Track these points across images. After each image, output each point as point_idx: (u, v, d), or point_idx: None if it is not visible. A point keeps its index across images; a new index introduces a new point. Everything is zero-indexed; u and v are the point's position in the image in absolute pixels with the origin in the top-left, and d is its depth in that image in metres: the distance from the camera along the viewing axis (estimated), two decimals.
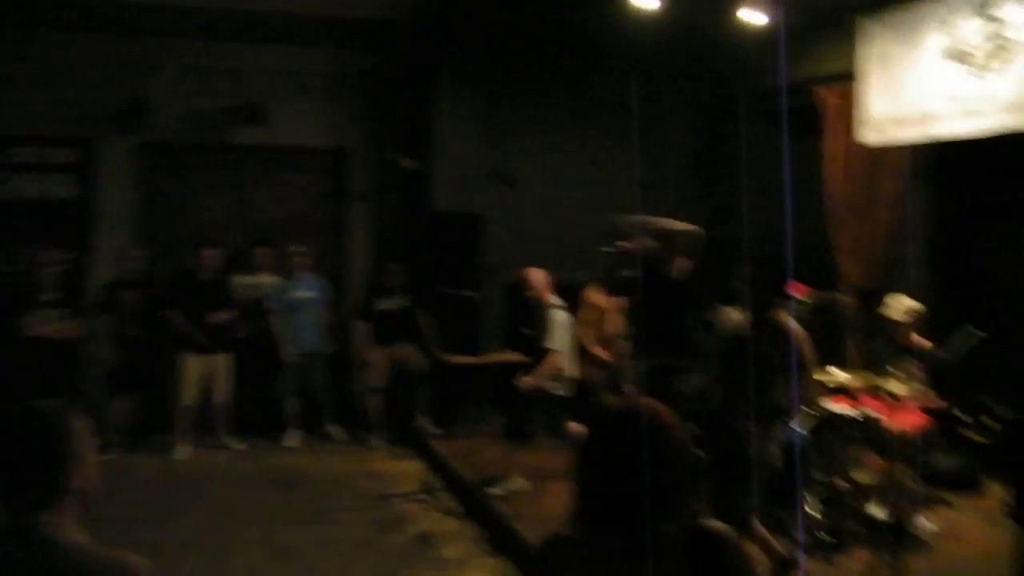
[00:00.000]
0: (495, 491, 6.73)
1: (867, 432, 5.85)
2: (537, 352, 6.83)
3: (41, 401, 2.17)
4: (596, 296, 8.13)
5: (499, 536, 6.19)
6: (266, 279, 8.58)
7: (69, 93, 8.52)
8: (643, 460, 1.92)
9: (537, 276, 7.05)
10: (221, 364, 8.18)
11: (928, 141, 6.65)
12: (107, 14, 8.39)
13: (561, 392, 6.86)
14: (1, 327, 7.63)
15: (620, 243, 5.99)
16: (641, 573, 1.94)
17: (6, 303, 7.83)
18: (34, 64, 8.44)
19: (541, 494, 6.73)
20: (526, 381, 6.72)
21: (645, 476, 1.93)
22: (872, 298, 7.51)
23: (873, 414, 6.08)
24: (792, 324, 4.69)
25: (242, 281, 8.49)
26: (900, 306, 6.31)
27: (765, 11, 6.99)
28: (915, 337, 6.31)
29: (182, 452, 8.02)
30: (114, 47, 8.58)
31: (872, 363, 6.45)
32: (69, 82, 8.52)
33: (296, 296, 8.47)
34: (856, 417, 5.81)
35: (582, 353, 7.89)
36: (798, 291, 7.95)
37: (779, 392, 4.49)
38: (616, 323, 8.05)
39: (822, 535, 5.19)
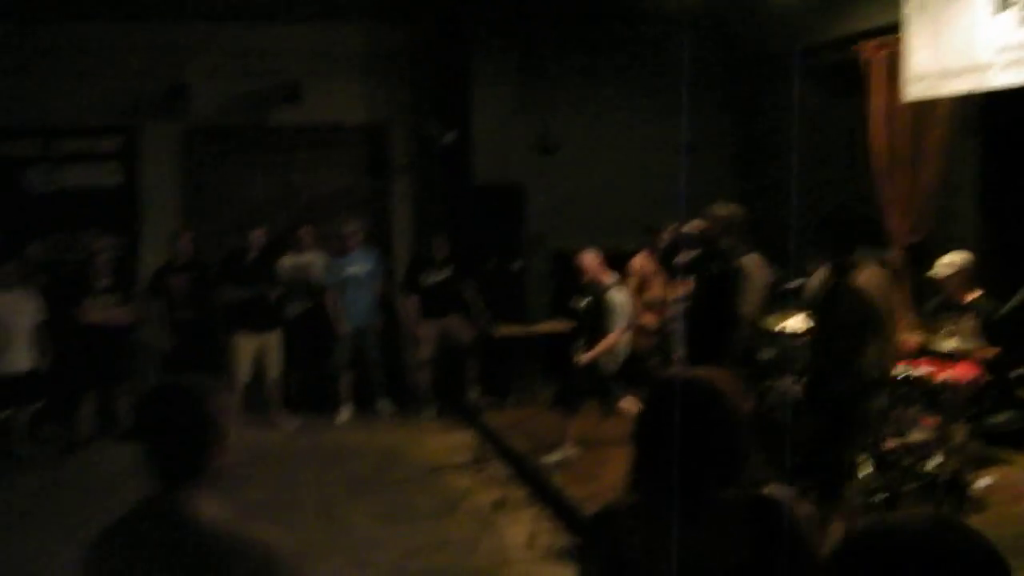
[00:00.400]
0: (548, 460, 6.78)
1: (921, 390, 5.80)
2: (594, 330, 6.83)
3: (194, 377, 2.21)
4: (643, 263, 8.13)
5: (553, 504, 6.24)
6: (313, 257, 8.65)
7: (111, 82, 8.63)
8: (701, 428, 1.96)
9: (590, 260, 7.02)
10: (273, 342, 8.29)
11: (976, 92, 6.50)
12: (145, 2, 8.45)
13: (612, 366, 6.87)
14: (58, 315, 7.81)
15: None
16: (700, 538, 1.98)
17: (61, 292, 8.01)
18: (74, 55, 8.54)
19: (594, 462, 6.77)
20: (585, 357, 6.73)
21: (703, 444, 1.97)
22: (922, 254, 7.41)
23: (926, 372, 6.02)
24: (872, 284, 4.50)
25: (291, 261, 8.56)
26: (950, 261, 6.23)
27: None
28: (967, 292, 6.22)
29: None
30: (152, 34, 8.65)
31: (924, 320, 6.38)
32: (110, 71, 8.62)
33: (350, 271, 8.53)
34: (909, 376, 5.75)
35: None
36: None
37: (867, 358, 4.35)
38: (662, 289, 8.04)
39: (877, 497, 5.16)
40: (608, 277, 7.00)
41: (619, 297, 6.89)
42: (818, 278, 4.76)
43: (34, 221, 8.53)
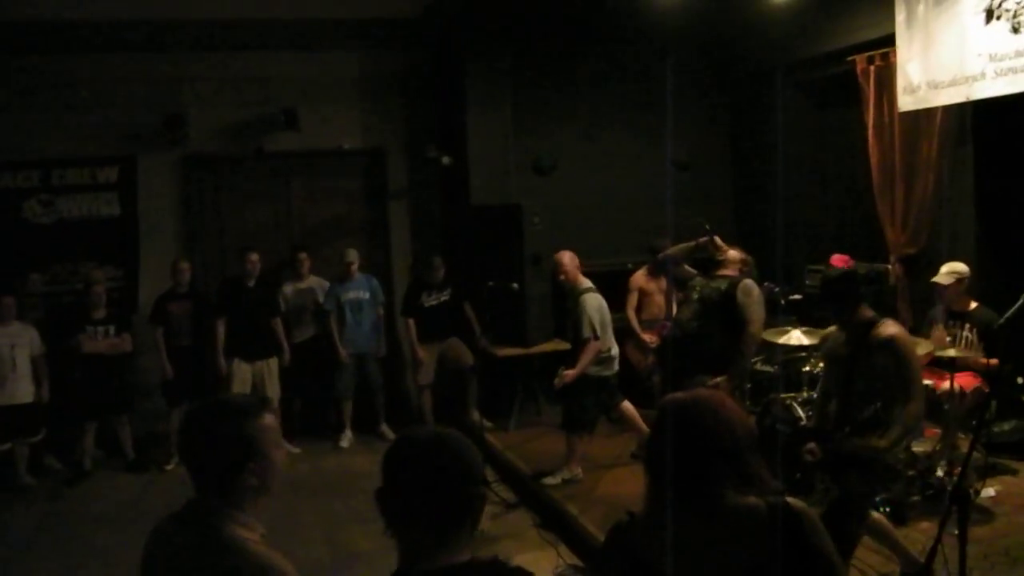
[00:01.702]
0: (551, 480, 6.75)
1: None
2: (576, 342, 6.79)
3: (237, 397, 2.24)
4: (642, 280, 8.14)
5: (557, 525, 6.22)
6: (314, 283, 8.65)
7: (108, 113, 8.67)
8: (708, 444, 2.08)
9: (567, 259, 6.95)
10: (271, 368, 8.27)
11: (969, 102, 6.54)
12: (139, 33, 8.51)
13: (608, 373, 6.81)
14: (57, 346, 7.81)
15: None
16: (717, 547, 2.05)
17: (61, 322, 8.01)
18: (72, 87, 8.58)
19: (597, 482, 6.76)
20: (566, 375, 6.68)
21: (712, 458, 2.08)
22: (920, 265, 7.43)
23: (928, 382, 6.02)
24: (902, 335, 4.45)
25: (292, 287, 8.56)
26: (950, 270, 6.26)
27: None
28: (967, 301, 6.24)
29: None
30: (149, 64, 8.70)
31: (925, 330, 6.39)
32: (107, 102, 8.66)
33: (349, 297, 8.53)
34: None
35: (631, 338, 7.90)
36: (841, 263, 7.90)
37: (893, 408, 4.33)
38: (661, 306, 8.06)
39: (882, 508, 5.14)
40: (584, 281, 6.91)
41: (593, 300, 6.73)
42: (837, 333, 4.74)
43: (33, 252, 8.54)
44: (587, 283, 6.90)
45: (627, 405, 6.94)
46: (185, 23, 8.55)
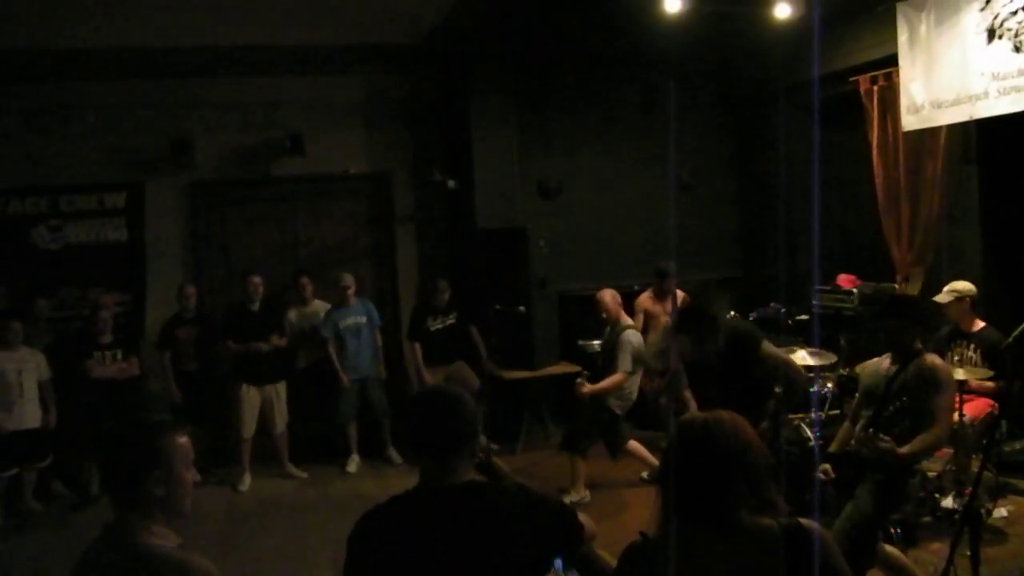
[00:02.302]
0: None
1: None
2: (606, 368, 6.83)
3: (147, 416, 2.36)
4: (647, 302, 8.14)
5: None
6: (318, 307, 8.65)
7: (114, 139, 8.74)
8: (727, 464, 2.11)
9: (609, 298, 7.07)
10: (278, 393, 8.27)
11: (972, 121, 6.56)
12: (146, 60, 8.58)
13: (620, 412, 6.85)
14: (65, 371, 7.81)
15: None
16: (732, 566, 2.06)
17: (68, 347, 8.02)
18: (79, 114, 8.66)
19: (606, 505, 6.73)
20: (586, 388, 6.71)
21: (726, 477, 2.11)
22: (925, 285, 7.42)
23: None
24: (944, 367, 4.46)
25: (297, 312, 8.56)
26: (949, 289, 6.24)
27: (799, 2, 6.94)
28: (972, 320, 6.22)
29: (246, 483, 8.12)
30: (155, 91, 8.77)
31: (932, 350, 6.35)
32: (113, 128, 8.73)
33: (348, 323, 8.53)
34: None
35: None
36: (848, 283, 7.90)
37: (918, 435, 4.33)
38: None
39: (894, 531, 5.10)
40: (626, 318, 7.05)
41: (634, 339, 6.90)
42: (876, 364, 4.72)
43: (41, 278, 8.56)
44: (628, 320, 7.10)
45: (634, 444, 6.97)
46: (192, 50, 8.62)
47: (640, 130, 9.69)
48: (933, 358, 4.45)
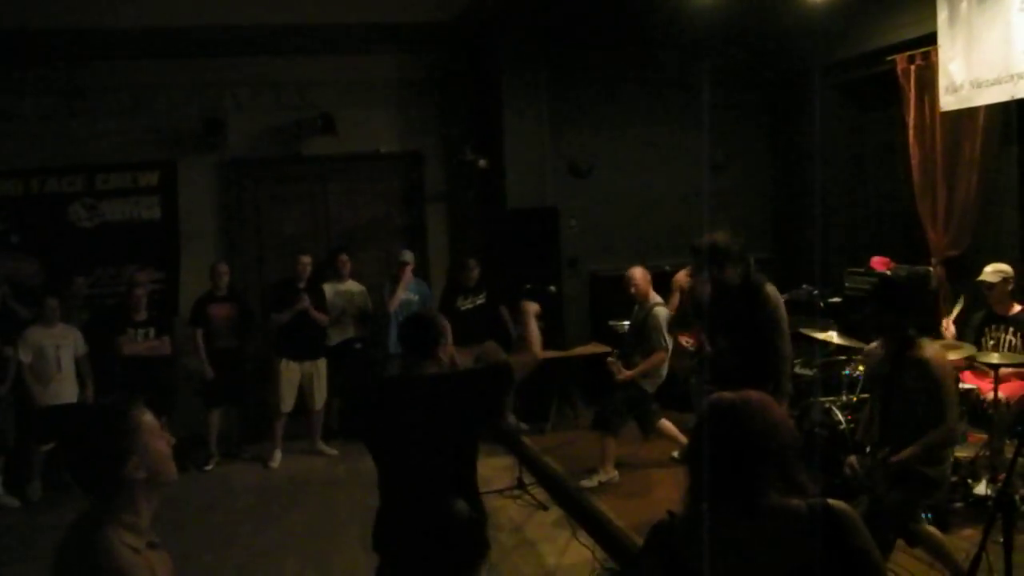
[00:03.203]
0: (588, 483, 6.75)
1: (965, 405, 5.70)
2: (637, 346, 6.82)
3: (109, 399, 2.30)
4: (683, 280, 8.09)
5: (594, 528, 6.20)
6: (353, 286, 8.69)
7: (149, 118, 8.82)
8: (752, 443, 2.09)
9: (640, 275, 7.07)
10: (319, 369, 8.33)
11: (1014, 100, 6.43)
12: (179, 40, 8.63)
13: (650, 389, 6.85)
14: (101, 347, 7.92)
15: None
16: (759, 547, 2.06)
17: (104, 324, 8.13)
18: (114, 93, 8.75)
19: (634, 484, 6.73)
20: (624, 374, 6.71)
21: (756, 457, 2.09)
22: (961, 268, 7.32)
23: (970, 386, 5.93)
24: (938, 358, 4.37)
25: (332, 288, 8.60)
26: (993, 269, 6.15)
27: None
28: (1010, 304, 6.13)
29: (277, 459, 8.22)
30: (187, 70, 8.84)
31: (968, 334, 6.28)
32: (149, 107, 8.82)
33: (405, 299, 8.55)
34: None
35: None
36: (882, 265, 7.80)
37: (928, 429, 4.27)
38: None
39: (925, 515, 5.06)
40: (655, 296, 7.02)
41: (666, 315, 6.91)
42: (877, 352, 4.65)
43: (77, 255, 8.69)
44: (657, 298, 7.06)
45: (664, 423, 6.97)
46: (224, 29, 8.65)
47: (673, 109, 9.62)
48: (923, 349, 4.34)
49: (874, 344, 4.78)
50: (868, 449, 4.60)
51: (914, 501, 4.39)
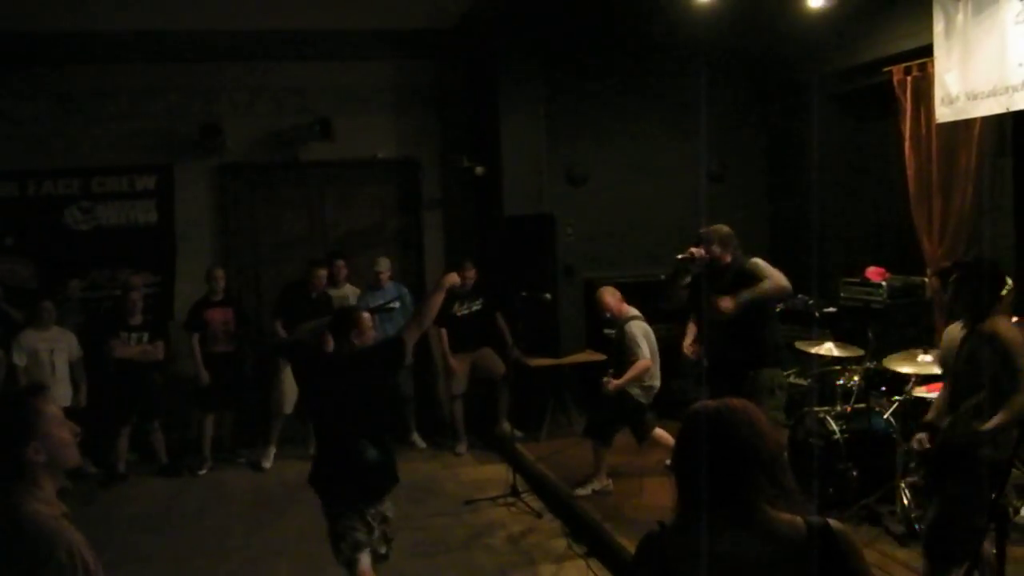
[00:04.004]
0: (581, 492, 6.74)
1: None
2: (620, 361, 6.82)
3: (14, 387, 2.48)
4: None
5: (588, 536, 6.19)
6: (348, 291, 8.69)
7: (146, 122, 8.83)
8: (748, 452, 2.08)
9: (608, 297, 7.04)
10: None
11: (1009, 112, 6.45)
12: (177, 43, 8.65)
13: (645, 401, 6.83)
14: (95, 351, 7.91)
15: (693, 250, 5.91)
16: (751, 560, 2.04)
17: (99, 328, 8.12)
18: (111, 96, 8.77)
19: (627, 493, 6.73)
20: (613, 384, 6.70)
21: (746, 465, 2.08)
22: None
23: None
24: (1009, 331, 4.28)
25: (331, 294, 8.59)
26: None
27: None
28: (1010, 315, 6.13)
29: (270, 457, 8.22)
30: (185, 74, 8.85)
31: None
32: (146, 111, 8.83)
33: (378, 305, 8.56)
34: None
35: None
36: (877, 276, 7.82)
37: (999, 399, 4.21)
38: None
39: (919, 527, 5.07)
40: (629, 310, 6.99)
41: (640, 327, 6.87)
42: (952, 334, 4.63)
43: (73, 258, 8.69)
44: (632, 311, 7.02)
45: (659, 431, 6.97)
46: (222, 34, 8.67)
47: (670, 119, 9.64)
48: (995, 322, 4.31)
49: (953, 326, 4.73)
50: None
51: (982, 490, 4.29)
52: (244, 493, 7.61)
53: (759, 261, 5.79)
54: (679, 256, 5.94)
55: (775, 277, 5.65)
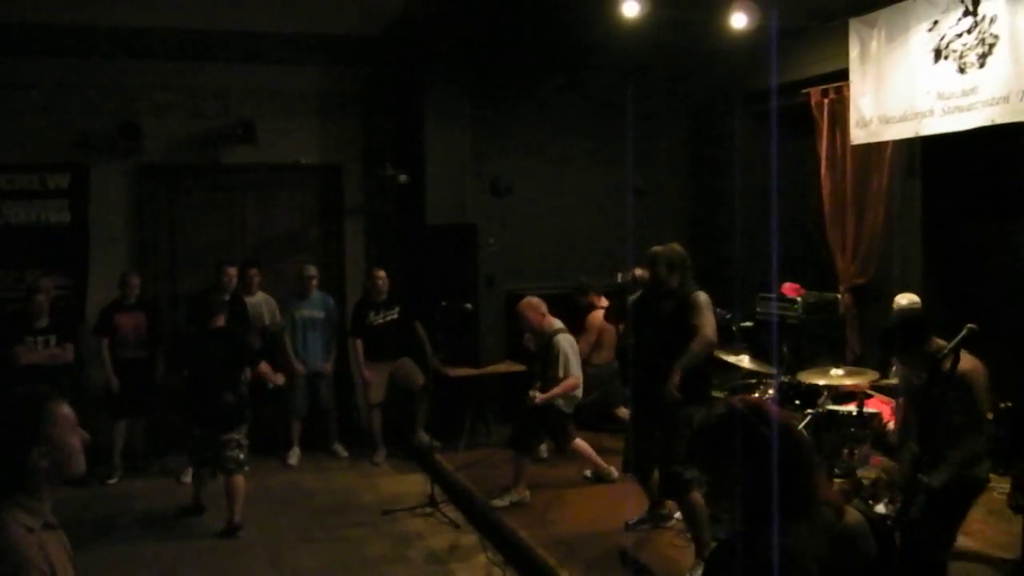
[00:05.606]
0: (500, 503, 6.73)
1: (869, 429, 5.86)
2: (545, 374, 6.83)
3: (28, 388, 2.34)
4: (598, 319, 8.23)
5: (506, 547, 6.19)
6: (260, 299, 8.53)
7: (61, 118, 8.54)
8: (805, 451, 2.15)
9: (529, 312, 7.02)
10: None
11: (918, 137, 6.69)
12: (97, 39, 8.41)
13: (568, 411, 6.87)
14: None
15: (636, 271, 5.92)
16: (837, 556, 2.08)
17: (1, 332, 7.79)
18: (24, 91, 8.45)
19: (547, 504, 6.75)
20: (539, 398, 6.71)
21: (809, 467, 2.14)
22: (867, 296, 7.56)
23: (874, 411, 6.11)
24: (972, 370, 4.42)
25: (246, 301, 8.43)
26: (909, 302, 6.37)
27: (755, 13, 7.02)
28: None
29: (188, 473, 8.01)
30: (105, 71, 8.59)
31: (873, 360, 6.48)
32: (61, 107, 8.53)
33: (304, 315, 8.45)
34: (856, 414, 5.82)
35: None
36: (793, 291, 8.02)
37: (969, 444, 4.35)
38: (612, 339, 8.14)
39: None
40: (552, 321, 7.01)
41: (566, 340, 6.90)
42: (905, 370, 4.73)
43: None
44: (557, 324, 7.02)
45: (580, 442, 7.01)
46: (144, 31, 8.46)
47: (595, 133, 9.74)
48: (959, 363, 4.43)
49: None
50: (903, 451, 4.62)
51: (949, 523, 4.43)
52: (159, 505, 7.40)
53: (700, 302, 5.49)
54: (619, 276, 5.94)
55: (704, 331, 5.40)
